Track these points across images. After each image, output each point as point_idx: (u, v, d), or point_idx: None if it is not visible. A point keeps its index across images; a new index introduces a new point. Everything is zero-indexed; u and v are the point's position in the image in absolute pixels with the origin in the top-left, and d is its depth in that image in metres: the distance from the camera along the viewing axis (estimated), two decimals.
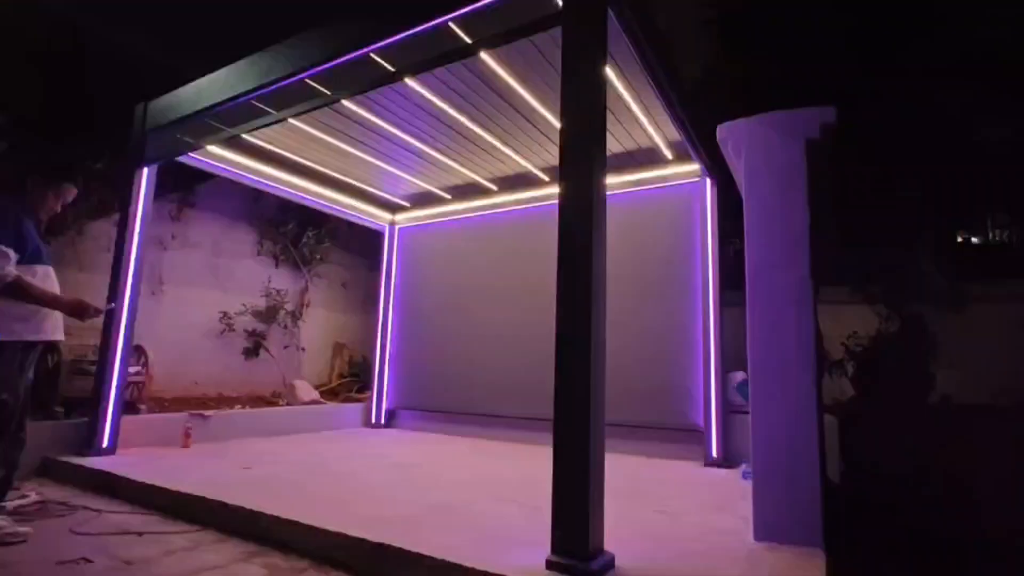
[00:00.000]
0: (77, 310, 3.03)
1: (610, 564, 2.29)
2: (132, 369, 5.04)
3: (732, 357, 5.12)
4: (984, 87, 6.29)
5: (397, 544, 2.45)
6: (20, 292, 2.82)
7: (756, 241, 2.94)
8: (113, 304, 3.44)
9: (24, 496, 3.41)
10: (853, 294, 4.98)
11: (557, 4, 2.91)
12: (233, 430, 5.65)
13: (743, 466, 4.48)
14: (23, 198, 3.07)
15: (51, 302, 2.97)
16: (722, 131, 3.19)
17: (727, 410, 5.05)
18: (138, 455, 4.49)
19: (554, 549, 2.26)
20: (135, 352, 5.16)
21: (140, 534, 2.92)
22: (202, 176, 5.55)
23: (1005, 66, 6.24)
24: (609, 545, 2.36)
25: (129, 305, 4.68)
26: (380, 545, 2.48)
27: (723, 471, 4.72)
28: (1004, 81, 6.24)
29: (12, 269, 2.79)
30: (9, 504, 3.19)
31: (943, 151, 5.79)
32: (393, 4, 3.58)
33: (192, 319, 6.95)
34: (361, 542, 2.54)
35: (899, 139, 5.83)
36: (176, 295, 6.81)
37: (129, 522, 3.12)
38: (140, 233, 4.81)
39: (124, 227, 4.78)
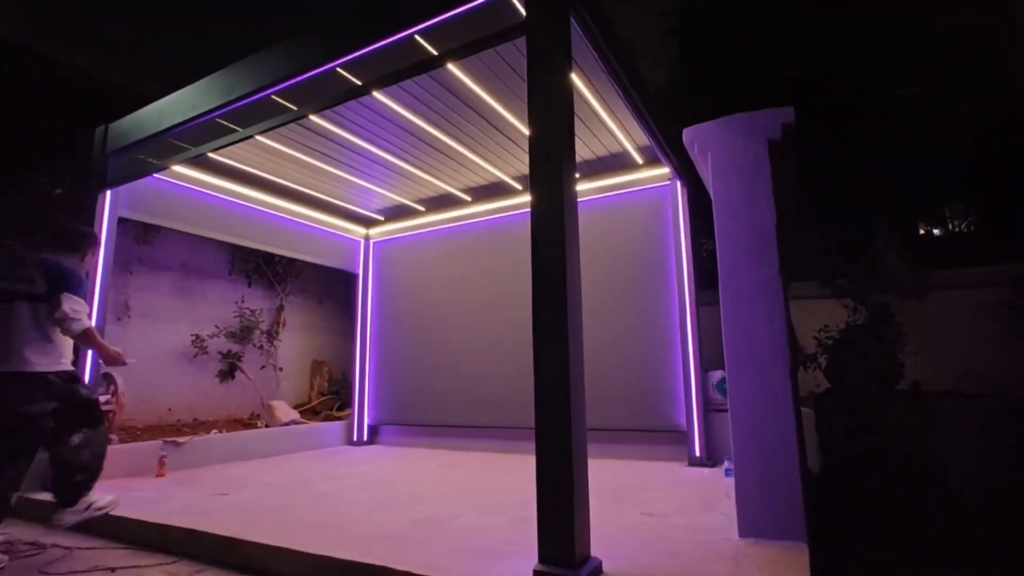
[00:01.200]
0: (116, 358, 3.46)
1: (598, 570, 2.29)
2: (101, 398, 4.87)
3: (710, 356, 5.19)
4: (933, 81, 6.56)
5: (382, 563, 2.41)
6: (89, 339, 3.24)
7: (726, 240, 3.00)
8: (135, 360, 3.75)
9: None
10: (822, 288, 5.10)
11: (520, 14, 2.94)
12: (210, 456, 5.50)
13: (726, 463, 4.53)
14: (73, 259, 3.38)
15: (101, 349, 3.38)
16: (688, 134, 3.26)
17: (708, 409, 5.11)
18: (110, 487, 4.32)
19: (541, 559, 2.25)
20: (103, 380, 4.99)
21: (113, 570, 2.81)
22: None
23: (951, 60, 6.52)
24: (596, 551, 2.36)
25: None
26: (365, 565, 2.44)
27: (707, 470, 4.77)
28: (952, 74, 6.52)
29: (86, 320, 3.17)
30: None
31: (896, 147, 6.00)
32: (358, 19, 3.57)
33: (163, 344, 6.76)
34: (345, 564, 2.49)
35: (854, 135, 6.03)
36: (145, 320, 6.63)
37: (102, 558, 3.01)
38: (104, 257, 4.67)
39: None
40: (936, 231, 8.02)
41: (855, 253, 5.00)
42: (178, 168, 5.16)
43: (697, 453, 4.97)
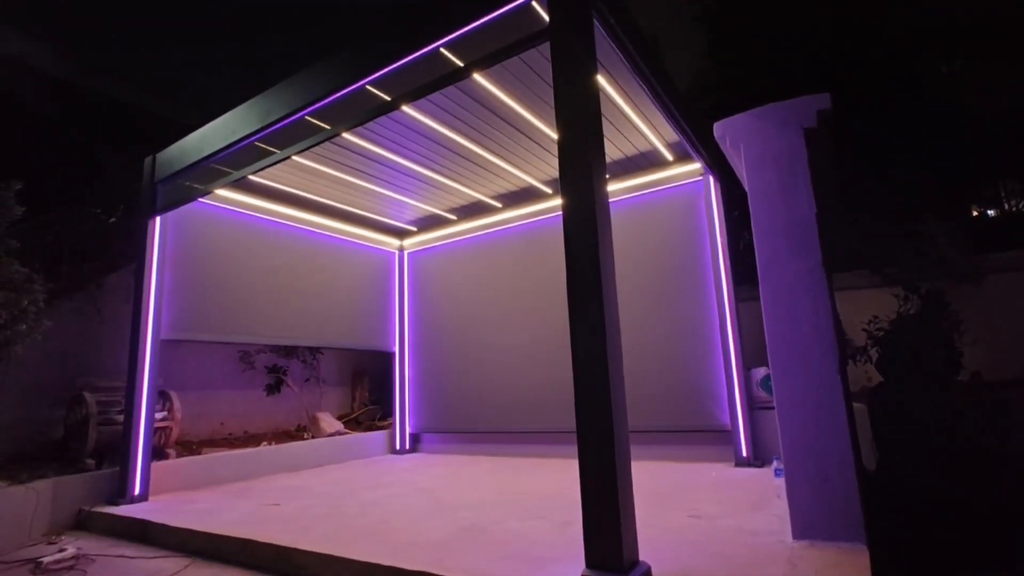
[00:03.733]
0: None
1: (647, 575, 2.25)
2: (158, 415, 5.10)
3: (753, 352, 5.06)
4: (975, 55, 6.23)
5: (428, 570, 2.43)
6: None
7: (764, 233, 2.93)
8: None
9: (62, 550, 3.45)
10: (869, 278, 4.90)
11: (543, 20, 2.95)
12: (261, 467, 5.68)
13: (774, 463, 4.39)
14: None
15: None
16: (719, 128, 3.20)
17: (753, 407, 4.97)
18: (169, 500, 4.53)
19: (588, 564, 2.23)
20: (160, 398, 5.23)
21: None
22: None
23: (994, 32, 6.18)
24: (644, 555, 2.32)
25: (151, 353, 4.76)
26: (412, 572, 2.47)
27: (754, 470, 4.63)
28: (995, 47, 6.18)
29: None
30: (46, 559, 3.23)
31: (942, 127, 5.72)
32: (384, 36, 3.66)
33: (213, 360, 7.03)
34: (392, 570, 2.53)
35: (897, 119, 5.78)
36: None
37: (163, 568, 3.14)
38: (157, 282, 4.90)
39: (141, 277, 4.88)
40: (990, 211, 7.61)
41: (903, 239, 4.79)
42: (220, 191, 5.36)
43: (743, 453, 4.84)
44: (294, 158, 4.70)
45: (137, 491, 4.45)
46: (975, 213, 7.56)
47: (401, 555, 2.66)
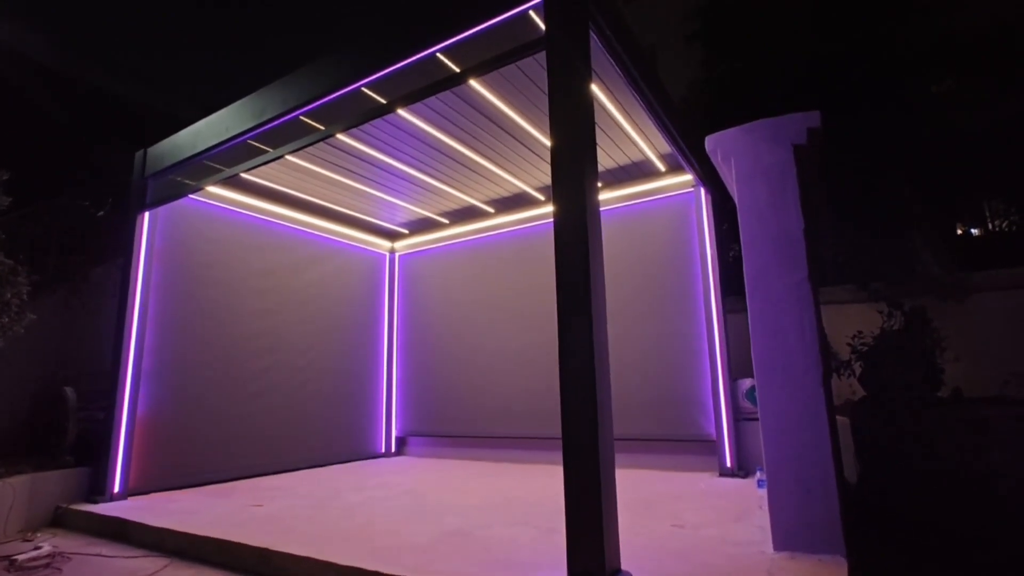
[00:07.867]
0: None
1: None
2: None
3: (739, 364, 5.10)
4: (966, 75, 6.35)
5: (412, 575, 2.43)
6: None
7: (752, 247, 2.96)
8: None
9: (37, 548, 3.39)
10: (855, 293, 4.98)
11: (540, 28, 2.98)
12: (243, 467, 5.61)
13: (758, 474, 4.43)
14: None
15: None
16: (711, 142, 3.24)
17: (738, 418, 5.01)
18: (150, 499, 4.47)
19: (571, 571, 2.23)
20: None
21: None
22: None
23: (986, 52, 6.31)
24: (626, 563, 2.33)
25: (135, 349, 4.71)
26: None
27: (738, 480, 4.67)
28: (986, 67, 6.31)
29: None
30: (21, 556, 3.18)
31: (931, 144, 5.83)
32: (381, 38, 3.67)
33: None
34: (374, 575, 2.51)
35: (886, 136, 5.88)
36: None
37: (141, 567, 3.10)
38: (144, 277, 4.85)
39: (128, 272, 4.83)
40: (975, 230, 7.75)
41: (889, 255, 4.87)
42: (211, 188, 5.33)
43: (728, 463, 4.87)
44: (287, 157, 4.69)
45: (116, 489, 4.39)
46: (959, 231, 7.69)
47: (384, 559, 2.65)
